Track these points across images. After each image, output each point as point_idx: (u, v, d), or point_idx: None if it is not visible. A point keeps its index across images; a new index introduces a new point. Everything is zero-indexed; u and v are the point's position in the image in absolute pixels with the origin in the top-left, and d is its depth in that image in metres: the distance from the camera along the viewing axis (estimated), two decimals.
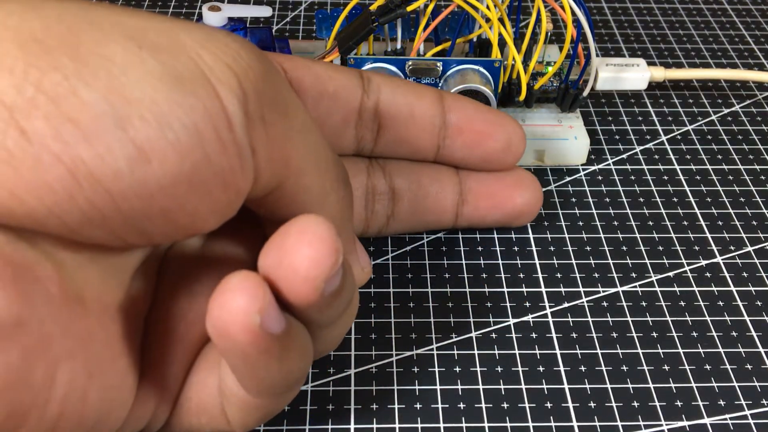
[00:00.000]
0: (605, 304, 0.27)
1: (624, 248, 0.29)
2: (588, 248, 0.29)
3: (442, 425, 0.23)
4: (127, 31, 0.15)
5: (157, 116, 0.14)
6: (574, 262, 0.28)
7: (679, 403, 0.24)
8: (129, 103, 0.14)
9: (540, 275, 0.28)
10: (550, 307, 0.27)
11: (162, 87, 0.14)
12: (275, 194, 0.18)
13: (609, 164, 0.33)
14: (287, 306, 0.17)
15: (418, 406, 0.24)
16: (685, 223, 0.30)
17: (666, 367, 0.25)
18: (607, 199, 0.31)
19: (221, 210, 0.16)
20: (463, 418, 0.23)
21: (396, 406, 0.24)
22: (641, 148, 0.34)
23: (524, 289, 0.27)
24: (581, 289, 0.27)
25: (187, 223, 0.16)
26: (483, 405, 0.24)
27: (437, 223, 0.28)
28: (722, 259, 0.29)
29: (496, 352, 0.25)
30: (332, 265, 0.16)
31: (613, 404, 0.24)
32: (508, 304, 0.27)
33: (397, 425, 0.23)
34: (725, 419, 0.24)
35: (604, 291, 0.27)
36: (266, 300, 0.16)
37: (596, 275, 0.28)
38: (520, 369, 0.25)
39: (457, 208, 0.27)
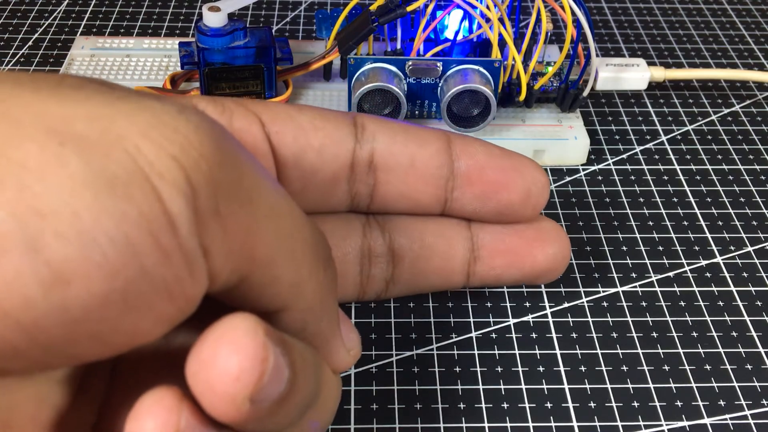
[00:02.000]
0: (605, 304, 0.27)
1: (624, 248, 0.29)
2: (588, 248, 0.29)
3: (442, 425, 0.23)
4: (48, 123, 0.13)
5: (78, 231, 0.12)
6: (574, 262, 0.28)
7: (679, 403, 0.24)
8: (43, 217, 0.12)
9: None
10: (550, 307, 0.27)
11: (86, 194, 0.12)
12: (239, 288, 0.15)
13: (609, 164, 0.33)
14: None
15: (418, 406, 0.24)
16: (685, 223, 0.30)
17: (666, 367, 0.25)
18: (607, 199, 0.31)
19: (168, 320, 0.14)
20: (463, 418, 0.23)
21: (396, 406, 0.24)
22: (641, 148, 0.34)
23: (524, 289, 0.27)
24: (581, 289, 0.27)
25: (124, 341, 0.14)
26: (483, 405, 0.24)
27: (445, 285, 0.24)
28: (722, 259, 0.29)
29: (496, 352, 0.25)
30: (258, 378, 0.14)
31: (613, 404, 0.24)
32: (508, 304, 0.27)
33: (397, 425, 0.23)
34: (725, 419, 0.24)
35: (604, 291, 0.27)
36: (181, 424, 0.14)
37: (596, 275, 0.28)
38: (520, 369, 0.25)
39: (468, 267, 0.24)
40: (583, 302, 0.27)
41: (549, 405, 0.24)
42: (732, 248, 0.29)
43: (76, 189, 0.12)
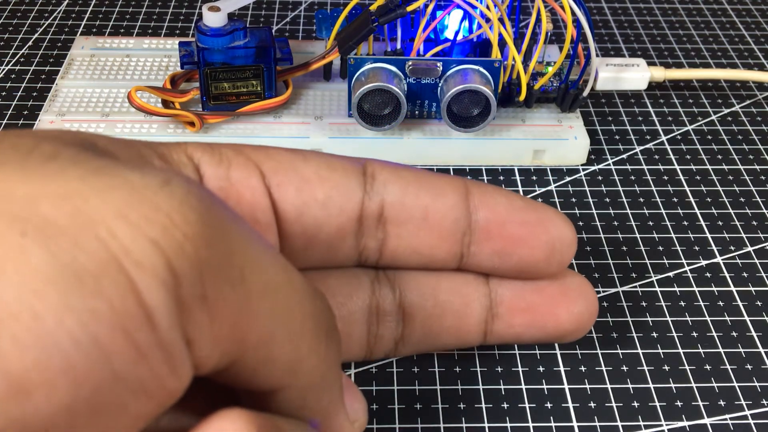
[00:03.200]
0: (605, 303, 0.27)
1: (624, 248, 0.29)
2: (588, 248, 0.29)
3: (442, 425, 0.23)
4: (10, 209, 0.12)
5: (38, 335, 0.11)
6: (574, 262, 0.28)
7: (679, 403, 0.24)
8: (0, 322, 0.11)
9: None
10: None
11: (50, 291, 0.11)
12: (230, 370, 0.14)
13: (609, 164, 0.33)
14: None
15: (418, 406, 0.24)
16: (685, 223, 0.30)
17: (666, 367, 0.25)
18: (607, 199, 0.31)
19: (147, 416, 0.13)
20: (463, 418, 0.23)
21: (396, 406, 0.24)
22: (641, 148, 0.34)
23: None
24: None
25: None
26: (483, 405, 0.24)
27: (459, 344, 0.22)
28: (722, 259, 0.29)
29: (496, 352, 0.25)
30: None
31: (613, 404, 0.24)
32: None
33: (397, 425, 0.23)
34: (725, 419, 0.24)
35: (604, 291, 0.27)
36: None
37: (596, 275, 0.28)
38: (520, 369, 0.25)
39: (485, 325, 0.22)
40: None
41: (549, 405, 0.24)
42: (732, 248, 0.29)
43: (39, 287, 0.11)
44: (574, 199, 0.31)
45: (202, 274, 0.13)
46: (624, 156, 0.33)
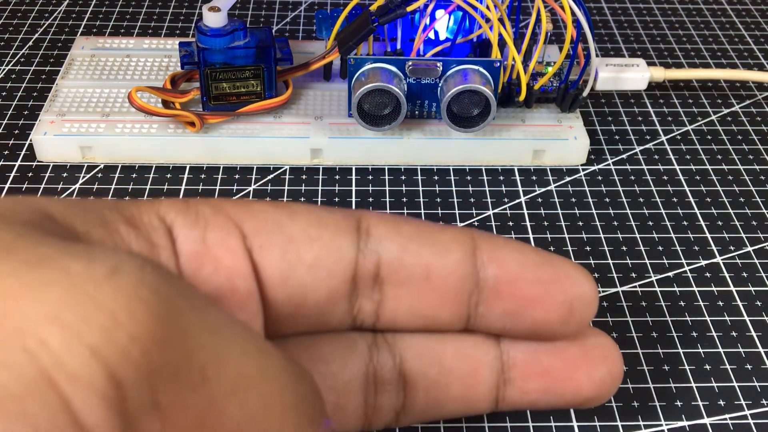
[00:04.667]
0: (605, 304, 0.27)
1: (624, 248, 0.29)
2: (588, 248, 0.29)
3: (442, 425, 0.23)
4: None
5: None
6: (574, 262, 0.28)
7: (679, 403, 0.24)
8: None
9: None
10: None
11: None
12: None
13: (609, 164, 0.33)
14: None
15: None
16: (685, 223, 0.30)
17: (666, 367, 0.25)
18: (607, 199, 0.31)
19: None
20: (463, 418, 0.23)
21: None
22: (641, 148, 0.34)
23: None
24: None
25: None
26: None
27: (468, 413, 0.20)
28: (722, 259, 0.29)
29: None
30: None
31: (613, 404, 0.24)
32: None
33: (397, 425, 0.23)
34: (725, 419, 0.24)
35: (604, 291, 0.27)
36: None
37: (596, 275, 0.28)
38: None
39: (496, 391, 0.19)
40: None
41: None
42: (732, 248, 0.29)
43: None
44: (574, 199, 0.31)
45: (152, 381, 0.11)
46: (624, 156, 0.33)
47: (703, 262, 0.29)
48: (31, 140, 0.31)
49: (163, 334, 0.11)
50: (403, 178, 0.32)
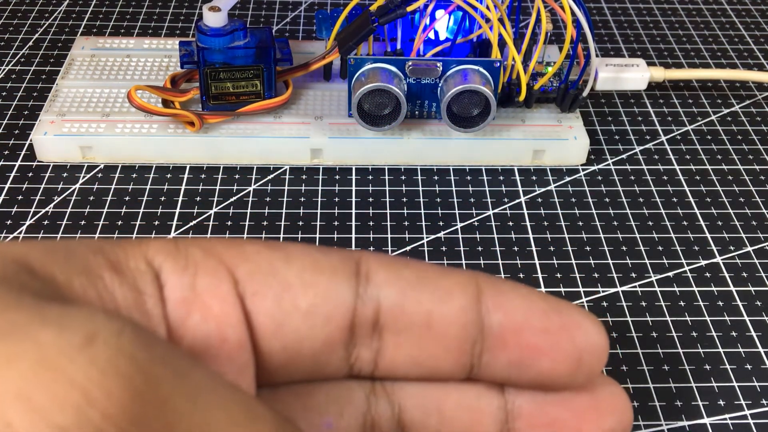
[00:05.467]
0: (605, 304, 0.27)
1: (624, 248, 0.29)
2: (588, 248, 0.29)
3: None
4: None
5: None
6: (574, 262, 0.28)
7: (679, 403, 0.24)
8: None
9: (540, 275, 0.28)
10: None
11: None
12: None
13: (609, 164, 0.33)
14: None
15: None
16: (685, 223, 0.30)
17: (666, 367, 0.25)
18: (607, 199, 0.31)
19: None
20: None
21: None
22: (641, 148, 0.34)
23: None
24: (581, 289, 0.27)
25: None
26: None
27: None
28: (722, 259, 0.29)
29: None
30: None
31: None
32: None
33: None
34: (725, 419, 0.24)
35: (604, 291, 0.27)
36: None
37: (596, 275, 0.28)
38: None
39: None
40: (583, 302, 0.27)
41: None
42: (731, 248, 0.29)
43: None
44: (573, 199, 0.31)
45: None
46: (624, 156, 0.33)
47: (703, 262, 0.29)
48: (31, 140, 0.31)
49: (141, 410, 0.11)
50: (403, 178, 0.32)
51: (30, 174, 0.31)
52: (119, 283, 0.14)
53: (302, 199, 0.31)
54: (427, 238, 0.29)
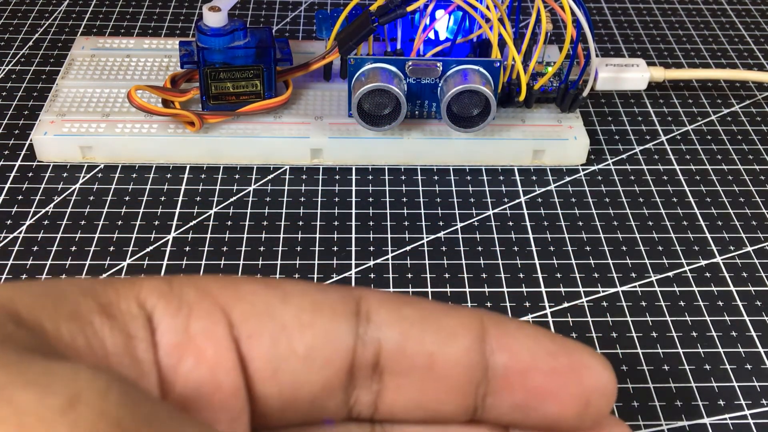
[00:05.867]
0: (605, 304, 0.27)
1: (624, 248, 0.29)
2: (588, 248, 0.29)
3: None
4: None
5: None
6: (574, 262, 0.28)
7: (678, 403, 0.24)
8: None
9: (540, 275, 0.28)
10: (550, 307, 0.27)
11: None
12: None
13: (609, 164, 0.33)
14: None
15: None
16: (685, 223, 0.30)
17: (666, 367, 0.25)
18: (607, 199, 0.31)
19: None
20: None
21: None
22: (641, 148, 0.34)
23: (524, 289, 0.27)
24: (581, 289, 0.27)
25: None
26: None
27: None
28: (722, 259, 0.29)
29: None
30: None
31: (614, 404, 0.24)
32: (508, 304, 0.27)
33: None
34: (725, 419, 0.24)
35: (604, 291, 0.27)
36: None
37: (596, 275, 0.28)
38: None
39: None
40: (583, 302, 0.27)
41: None
42: (731, 248, 0.29)
43: None
44: (573, 199, 0.31)
45: None
46: (624, 156, 0.33)
47: (703, 262, 0.29)
48: (31, 140, 0.31)
49: None
50: (403, 178, 0.32)
51: (30, 174, 0.31)
52: (109, 328, 0.14)
53: (302, 199, 0.31)
54: (427, 238, 0.29)
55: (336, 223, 0.30)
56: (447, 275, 0.28)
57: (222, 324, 0.15)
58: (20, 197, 0.30)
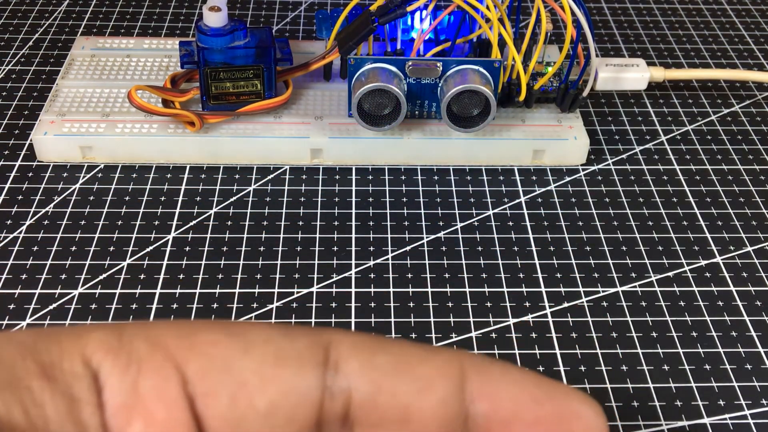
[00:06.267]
0: (605, 304, 0.27)
1: (624, 248, 0.29)
2: (588, 248, 0.29)
3: None
4: None
5: None
6: (574, 262, 0.28)
7: (678, 403, 0.24)
8: None
9: (540, 275, 0.28)
10: (550, 307, 0.27)
11: None
12: None
13: (609, 164, 0.33)
14: None
15: None
16: (685, 223, 0.30)
17: (666, 367, 0.25)
18: (607, 199, 0.31)
19: None
20: None
21: None
22: (641, 148, 0.34)
23: (524, 289, 0.27)
24: (581, 289, 0.27)
25: None
26: None
27: None
28: (722, 259, 0.29)
29: (496, 352, 0.25)
30: None
31: (613, 404, 0.24)
32: (508, 304, 0.27)
33: None
34: (725, 419, 0.24)
35: (603, 291, 0.27)
36: None
37: (596, 275, 0.28)
38: None
39: None
40: (582, 302, 0.27)
41: None
42: (731, 248, 0.29)
43: None
44: (573, 199, 0.31)
45: None
46: (623, 156, 0.33)
47: (703, 262, 0.29)
48: (31, 140, 0.31)
49: None
50: (403, 178, 0.32)
51: (30, 174, 0.31)
52: (50, 393, 0.13)
53: (302, 199, 0.31)
54: (427, 238, 0.29)
55: (336, 223, 0.30)
56: (447, 275, 0.28)
57: (174, 381, 0.14)
58: (20, 197, 0.30)
